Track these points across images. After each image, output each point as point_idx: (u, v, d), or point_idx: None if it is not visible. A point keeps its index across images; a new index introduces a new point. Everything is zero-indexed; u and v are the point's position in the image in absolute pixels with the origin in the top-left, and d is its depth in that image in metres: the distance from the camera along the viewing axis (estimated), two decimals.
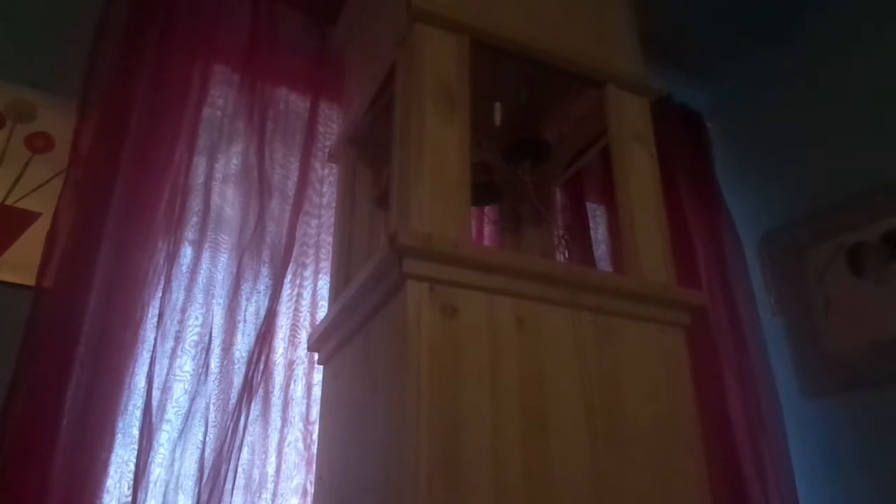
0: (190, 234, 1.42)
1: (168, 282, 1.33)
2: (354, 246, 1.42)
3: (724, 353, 1.93)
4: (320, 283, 1.55)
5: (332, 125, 1.71)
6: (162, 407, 1.26)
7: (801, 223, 2.05)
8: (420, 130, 1.08)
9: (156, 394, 1.26)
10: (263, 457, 1.35)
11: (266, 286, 1.44)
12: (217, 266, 1.43)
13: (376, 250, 1.12)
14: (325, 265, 1.55)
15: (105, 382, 1.20)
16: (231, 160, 1.54)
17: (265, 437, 1.36)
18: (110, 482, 1.20)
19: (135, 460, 1.20)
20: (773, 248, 2.13)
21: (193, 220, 1.43)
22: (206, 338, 1.36)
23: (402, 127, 1.15)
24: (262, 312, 1.41)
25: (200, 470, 1.25)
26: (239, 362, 1.37)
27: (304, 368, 1.46)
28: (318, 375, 1.43)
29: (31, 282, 1.23)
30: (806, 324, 1.98)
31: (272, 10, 1.68)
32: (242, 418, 1.30)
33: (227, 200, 1.50)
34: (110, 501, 1.19)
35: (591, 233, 1.95)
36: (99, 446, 1.17)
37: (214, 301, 1.40)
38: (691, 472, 1.06)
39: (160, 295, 1.32)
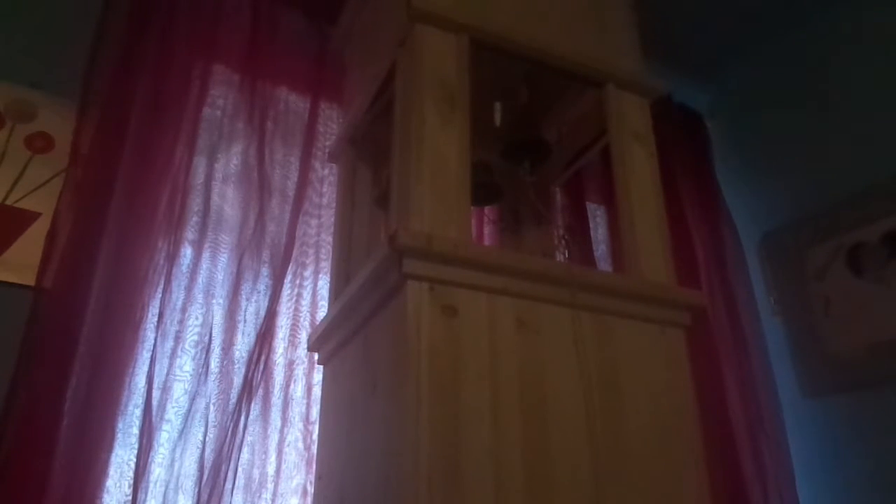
0: (190, 234, 1.42)
1: (168, 282, 1.33)
2: (354, 246, 1.42)
3: (724, 353, 1.93)
4: (320, 283, 1.55)
5: (332, 125, 1.71)
6: (162, 407, 1.26)
7: (801, 223, 2.05)
8: (420, 130, 1.08)
9: (156, 394, 1.26)
10: (263, 457, 1.35)
11: (266, 286, 1.44)
12: (217, 266, 1.43)
13: (376, 250, 1.12)
14: (325, 265, 1.55)
15: (105, 382, 1.20)
16: (231, 160, 1.54)
17: (265, 437, 1.36)
18: (110, 482, 1.20)
19: (135, 460, 1.20)
20: (773, 248, 2.13)
21: (193, 220, 1.43)
22: (206, 338, 1.36)
23: (402, 127, 1.15)
24: (262, 312, 1.41)
25: (200, 470, 1.25)
26: (239, 362, 1.37)
27: (304, 368, 1.46)
28: (318, 375, 1.43)
29: (31, 282, 1.23)
30: (806, 324, 1.98)
31: (272, 10, 1.68)
32: (242, 418, 1.30)
33: (227, 200, 1.50)
34: (110, 501, 1.19)
35: (591, 233, 1.95)
36: (99, 446, 1.17)
37: (214, 301, 1.40)
38: (691, 471, 1.06)
39: (160, 295, 1.32)
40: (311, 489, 1.34)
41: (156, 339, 1.29)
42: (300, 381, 1.45)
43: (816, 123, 2.08)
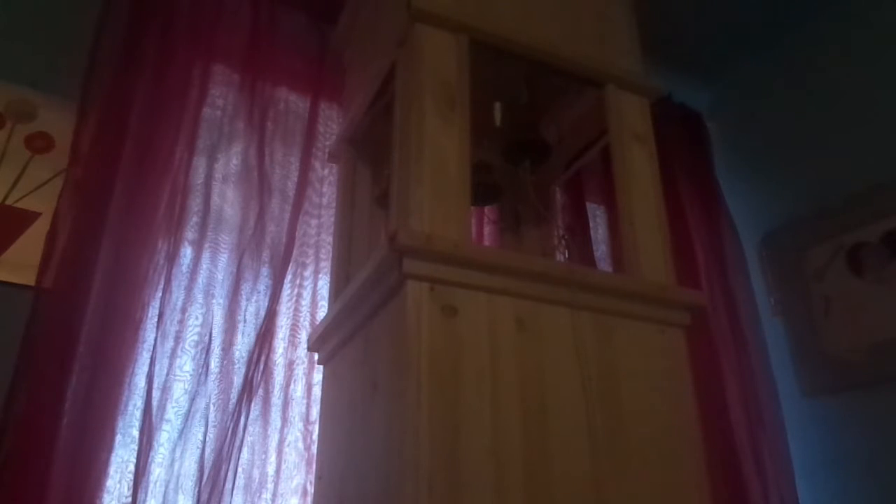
0: (190, 234, 1.42)
1: (168, 282, 1.33)
2: (354, 246, 1.42)
3: (724, 353, 1.93)
4: (320, 283, 1.55)
5: (332, 125, 1.71)
6: (162, 407, 1.26)
7: (801, 223, 2.05)
8: (420, 130, 1.08)
9: (156, 394, 1.26)
10: (263, 457, 1.35)
11: (266, 286, 1.44)
12: (217, 266, 1.43)
13: (376, 250, 1.12)
14: (325, 265, 1.55)
15: (105, 382, 1.20)
16: (231, 160, 1.54)
17: (265, 437, 1.36)
18: (110, 482, 1.20)
19: (135, 460, 1.20)
20: (773, 248, 2.12)
21: (193, 220, 1.43)
22: (206, 338, 1.36)
23: (402, 127, 1.15)
24: (262, 312, 1.41)
25: (200, 470, 1.26)
26: (239, 362, 1.37)
27: (304, 368, 1.46)
28: (318, 375, 1.43)
29: (31, 282, 1.23)
30: (806, 324, 1.98)
31: (272, 10, 1.68)
32: (242, 418, 1.30)
33: (227, 200, 1.50)
34: (110, 501, 1.19)
35: (591, 233, 1.95)
36: (99, 446, 1.17)
37: (214, 301, 1.40)
38: (691, 471, 1.06)
39: (160, 295, 1.32)
40: (311, 489, 1.34)
41: (156, 339, 1.29)
42: (300, 381, 1.45)
43: (816, 123, 2.08)
